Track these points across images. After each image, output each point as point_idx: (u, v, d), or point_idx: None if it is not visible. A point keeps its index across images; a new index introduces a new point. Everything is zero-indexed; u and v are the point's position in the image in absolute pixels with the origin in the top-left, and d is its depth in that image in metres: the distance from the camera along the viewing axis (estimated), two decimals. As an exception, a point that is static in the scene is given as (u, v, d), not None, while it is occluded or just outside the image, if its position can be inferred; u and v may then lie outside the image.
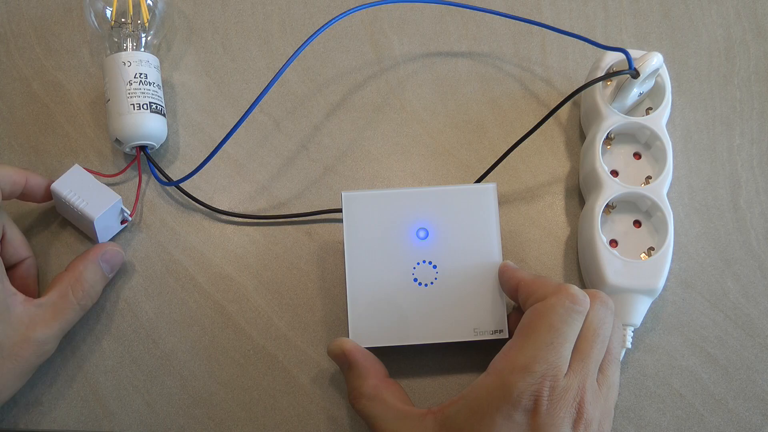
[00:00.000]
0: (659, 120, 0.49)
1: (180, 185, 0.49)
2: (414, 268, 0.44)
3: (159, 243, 0.49)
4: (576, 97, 0.49)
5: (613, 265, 0.45)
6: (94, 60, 0.53)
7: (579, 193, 0.51)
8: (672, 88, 0.50)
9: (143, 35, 0.51)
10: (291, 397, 0.46)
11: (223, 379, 0.46)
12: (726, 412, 0.46)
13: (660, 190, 0.47)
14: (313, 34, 0.47)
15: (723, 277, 0.49)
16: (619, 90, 0.48)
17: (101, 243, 0.47)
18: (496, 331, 0.44)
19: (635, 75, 0.46)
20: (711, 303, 0.49)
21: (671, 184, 0.48)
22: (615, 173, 0.49)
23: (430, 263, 0.44)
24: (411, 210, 0.45)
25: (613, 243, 0.48)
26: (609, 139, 0.49)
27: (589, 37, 0.49)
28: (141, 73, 0.48)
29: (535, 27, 0.55)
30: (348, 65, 0.54)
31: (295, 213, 0.50)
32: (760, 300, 0.49)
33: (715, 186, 0.52)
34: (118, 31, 0.50)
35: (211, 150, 0.47)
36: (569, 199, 0.51)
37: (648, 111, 0.50)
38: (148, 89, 0.48)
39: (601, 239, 0.46)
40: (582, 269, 0.49)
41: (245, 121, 0.46)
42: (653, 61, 0.46)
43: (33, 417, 0.45)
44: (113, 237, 0.48)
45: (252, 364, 0.46)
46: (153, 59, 0.50)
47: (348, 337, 0.43)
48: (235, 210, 0.50)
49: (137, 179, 0.50)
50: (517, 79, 0.54)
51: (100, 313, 0.47)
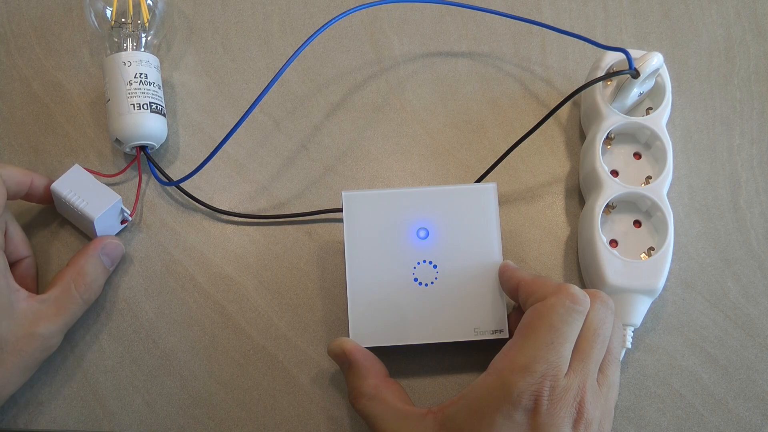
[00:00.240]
0: (659, 120, 0.49)
1: (180, 185, 0.49)
2: (414, 267, 0.44)
3: (159, 243, 0.49)
4: (576, 97, 0.49)
5: (613, 265, 0.45)
6: (94, 60, 0.53)
7: (579, 193, 0.51)
8: (672, 88, 0.50)
9: (143, 35, 0.51)
10: (291, 397, 0.46)
11: (223, 379, 0.46)
12: (726, 412, 0.46)
13: (660, 190, 0.47)
14: (313, 34, 0.47)
15: (723, 277, 0.49)
16: (619, 90, 0.48)
17: (100, 236, 0.47)
18: (496, 331, 0.44)
19: (635, 75, 0.46)
20: (711, 303, 0.49)
21: (671, 184, 0.48)
22: (615, 173, 0.49)
23: (430, 263, 0.44)
24: (411, 210, 0.45)
25: (613, 243, 0.48)
26: (609, 139, 0.49)
27: (589, 37, 0.49)
28: (141, 73, 0.48)
29: (535, 27, 0.55)
30: (348, 65, 0.54)
31: (295, 213, 0.50)
32: (760, 300, 0.49)
33: (715, 186, 0.52)
34: (118, 31, 0.50)
35: (211, 150, 0.47)
36: (569, 199, 0.51)
37: (648, 111, 0.50)
38: (148, 89, 0.48)
39: (601, 239, 0.46)
40: (582, 269, 0.49)
41: (245, 121, 0.46)
42: (653, 61, 0.46)
43: (33, 417, 0.45)
44: (113, 237, 0.48)
45: (252, 364, 0.46)
46: (153, 59, 0.50)
47: (348, 337, 0.43)
48: (235, 210, 0.50)
49: (137, 179, 0.50)
50: (517, 79, 0.54)
51: (99, 313, 0.47)
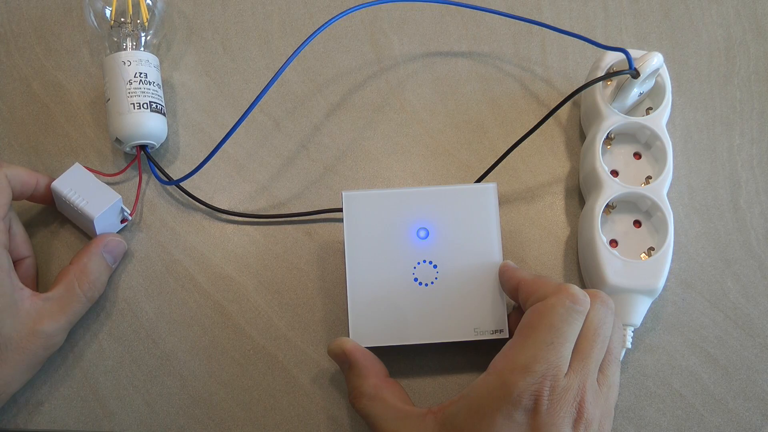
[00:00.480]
0: (659, 120, 0.49)
1: (180, 184, 0.49)
2: (414, 267, 0.44)
3: (159, 243, 0.49)
4: (576, 97, 0.49)
5: (613, 265, 0.45)
6: (94, 60, 0.53)
7: (579, 193, 0.51)
8: (672, 88, 0.50)
9: (143, 35, 0.51)
10: (291, 397, 0.46)
11: (223, 379, 0.46)
12: (726, 412, 0.46)
13: (660, 190, 0.47)
14: (313, 33, 0.47)
15: (723, 277, 0.49)
16: (619, 90, 0.48)
17: (102, 234, 0.47)
18: (496, 331, 0.44)
19: (635, 75, 0.46)
20: (711, 303, 0.49)
21: (671, 184, 0.48)
22: (615, 173, 0.49)
23: (430, 263, 0.44)
24: (411, 210, 0.45)
25: (613, 243, 0.48)
26: (609, 139, 0.49)
27: (589, 37, 0.49)
28: (141, 73, 0.48)
29: (535, 27, 0.55)
30: (348, 65, 0.54)
31: (295, 213, 0.50)
32: (760, 300, 0.49)
33: (715, 186, 0.52)
34: (117, 31, 0.50)
35: (211, 150, 0.47)
36: (569, 199, 0.51)
37: (648, 111, 0.50)
38: (148, 88, 0.48)
39: (601, 239, 0.46)
40: (582, 269, 0.49)
41: (245, 121, 0.46)
42: (653, 61, 0.46)
43: (33, 417, 0.45)
44: (113, 237, 0.48)
45: (252, 364, 0.46)
46: (153, 59, 0.50)
47: (348, 337, 0.43)
48: (235, 210, 0.50)
49: (137, 179, 0.50)
50: (517, 79, 0.54)
51: (99, 313, 0.47)
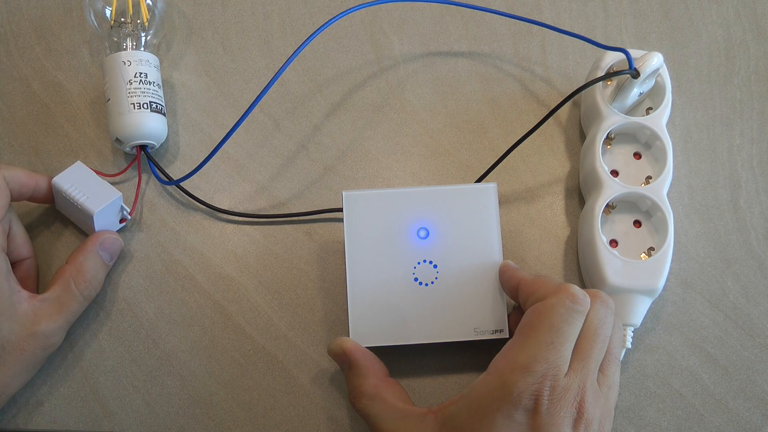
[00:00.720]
0: (659, 120, 0.49)
1: (180, 184, 0.49)
2: (414, 267, 0.44)
3: (159, 243, 0.49)
4: (576, 97, 0.49)
5: (613, 265, 0.45)
6: (94, 60, 0.53)
7: (579, 193, 0.51)
8: (672, 88, 0.50)
9: (143, 35, 0.51)
10: (291, 397, 0.46)
11: (223, 379, 0.46)
12: (726, 412, 0.46)
13: (660, 190, 0.47)
14: (313, 33, 0.47)
15: (723, 277, 0.49)
16: (620, 90, 0.48)
17: (98, 232, 0.46)
18: (496, 331, 0.44)
19: (635, 75, 0.46)
20: (711, 303, 0.49)
21: (671, 184, 0.48)
22: (615, 173, 0.49)
23: (430, 263, 0.44)
24: (412, 209, 0.45)
25: (613, 243, 0.48)
26: (609, 139, 0.49)
27: (589, 37, 0.49)
28: (141, 73, 0.48)
29: (535, 27, 0.55)
30: (348, 65, 0.54)
31: (295, 213, 0.50)
32: (760, 300, 0.49)
33: (715, 186, 0.52)
34: (117, 31, 0.50)
35: (211, 150, 0.47)
36: (569, 199, 0.51)
37: (648, 111, 0.50)
38: (148, 88, 0.48)
39: (601, 239, 0.46)
40: (582, 269, 0.49)
41: (245, 121, 0.46)
42: (653, 61, 0.46)
43: (33, 417, 0.45)
44: (113, 237, 0.48)
45: (252, 364, 0.46)
46: (153, 59, 0.50)
47: (348, 337, 0.43)
48: (235, 210, 0.50)
49: (137, 179, 0.49)
50: (517, 79, 0.54)
51: (100, 313, 0.47)
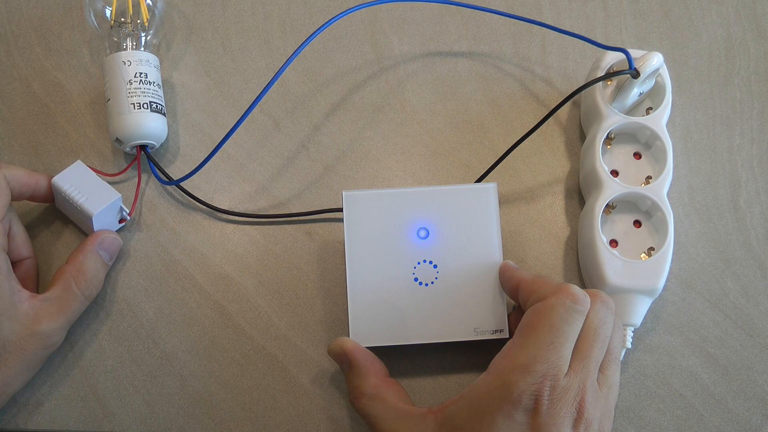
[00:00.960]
0: (659, 120, 0.49)
1: (180, 184, 0.49)
2: (414, 267, 0.44)
3: (159, 243, 0.49)
4: (576, 97, 0.49)
5: (613, 265, 0.45)
6: (94, 60, 0.53)
7: (579, 193, 0.51)
8: (672, 88, 0.50)
9: (143, 35, 0.51)
10: (291, 397, 0.46)
11: (223, 379, 0.46)
12: (726, 412, 0.46)
13: (660, 190, 0.47)
14: (313, 33, 0.47)
15: (723, 277, 0.49)
16: (620, 90, 0.48)
17: (97, 231, 0.46)
18: (496, 331, 0.44)
19: (635, 75, 0.46)
20: (711, 303, 0.49)
21: (671, 184, 0.48)
22: (615, 173, 0.49)
23: (430, 263, 0.44)
24: (412, 209, 0.45)
25: (613, 243, 0.48)
26: (609, 139, 0.49)
27: (589, 37, 0.49)
28: (141, 73, 0.48)
29: (535, 27, 0.55)
30: (348, 65, 0.54)
31: (295, 213, 0.50)
32: (760, 300, 0.49)
33: (715, 186, 0.52)
34: (117, 31, 0.50)
35: (211, 150, 0.47)
36: (569, 199, 0.51)
37: (648, 111, 0.50)
38: (148, 88, 0.48)
39: (601, 239, 0.46)
40: (582, 269, 0.49)
41: (245, 121, 0.46)
42: (653, 61, 0.46)
43: (33, 417, 0.45)
44: (113, 237, 0.48)
45: (252, 364, 0.46)
46: (153, 58, 0.50)
47: (348, 337, 0.43)
48: (235, 210, 0.50)
49: (137, 179, 0.49)
50: (517, 79, 0.54)
51: (99, 313, 0.47)
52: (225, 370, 0.46)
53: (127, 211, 0.48)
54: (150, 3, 0.51)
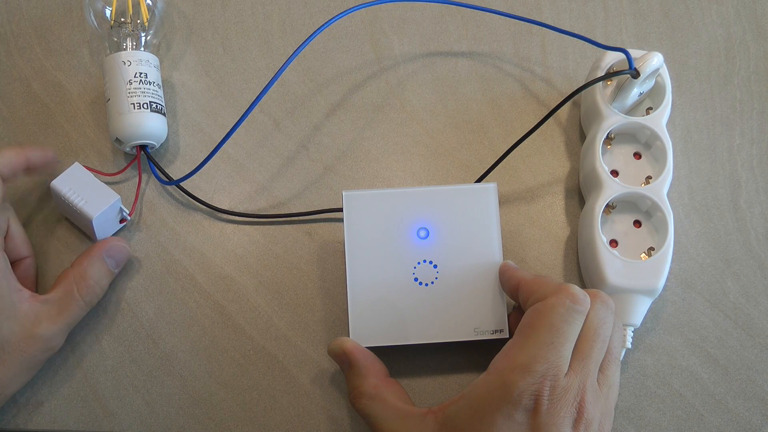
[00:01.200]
0: (659, 120, 0.49)
1: (180, 184, 0.49)
2: (414, 267, 0.44)
3: (159, 243, 0.49)
4: (576, 97, 0.49)
5: (613, 265, 0.45)
6: (94, 60, 0.53)
7: (579, 193, 0.51)
8: (672, 88, 0.50)
9: (143, 35, 0.51)
10: (291, 397, 0.46)
11: (223, 379, 0.46)
12: (726, 412, 0.46)
13: (660, 190, 0.47)
14: (313, 33, 0.47)
15: (723, 277, 0.49)
16: (620, 90, 0.48)
17: (106, 238, 0.46)
18: (496, 331, 0.44)
19: (635, 75, 0.46)
20: (711, 303, 0.49)
21: (671, 184, 0.48)
22: (615, 173, 0.49)
23: (430, 263, 0.44)
24: (412, 209, 0.45)
25: (613, 243, 0.48)
26: (609, 139, 0.49)
27: (589, 37, 0.49)
28: (141, 73, 0.48)
29: (535, 27, 0.55)
30: (348, 65, 0.54)
31: (295, 213, 0.50)
32: (760, 300, 0.49)
33: (715, 186, 0.52)
34: (117, 31, 0.50)
35: (211, 150, 0.47)
36: (569, 199, 0.51)
37: (648, 111, 0.50)
38: (148, 88, 0.48)
39: (601, 239, 0.46)
40: (582, 269, 0.49)
41: (245, 121, 0.46)
42: (653, 61, 0.46)
43: (33, 417, 0.45)
44: (112, 236, 0.48)
45: (252, 364, 0.46)
46: (153, 58, 0.50)
47: (348, 337, 0.43)
48: (235, 210, 0.50)
49: (137, 179, 0.49)
50: (517, 79, 0.54)
51: (100, 313, 0.47)
52: (225, 370, 0.46)
53: (127, 212, 0.48)
54: (150, 3, 0.51)
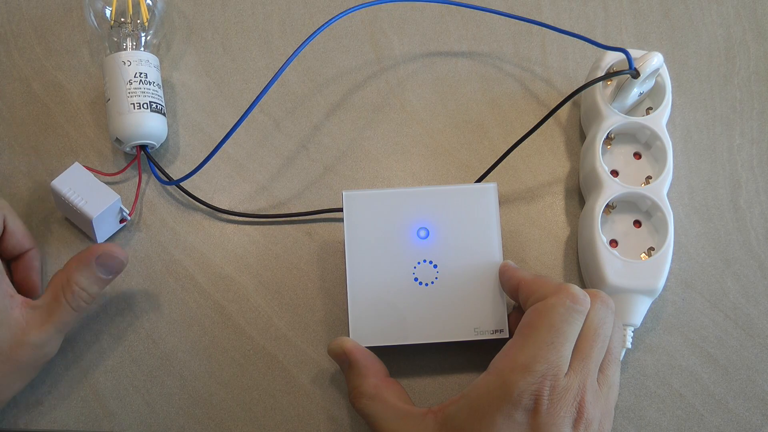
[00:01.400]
0: (659, 120, 0.49)
1: (180, 184, 0.49)
2: (414, 267, 0.44)
3: (159, 243, 0.49)
4: (576, 97, 0.49)
5: (613, 265, 0.45)
6: (94, 60, 0.53)
7: (579, 193, 0.51)
8: (672, 88, 0.50)
9: (143, 35, 0.51)
10: (291, 397, 0.46)
11: (223, 379, 0.46)
12: (726, 412, 0.46)
13: (660, 190, 0.47)
14: (313, 33, 0.47)
15: (723, 277, 0.49)
16: (620, 90, 0.48)
17: (99, 243, 0.46)
18: (496, 331, 0.44)
19: (635, 75, 0.46)
20: (711, 303, 0.49)
21: (671, 184, 0.48)
22: (615, 173, 0.49)
23: (430, 263, 0.44)
24: (412, 209, 0.45)
25: (613, 243, 0.48)
26: (609, 139, 0.49)
27: (589, 37, 0.49)
28: (141, 73, 0.48)
29: (535, 27, 0.55)
30: (348, 65, 0.54)
31: (295, 213, 0.50)
32: (760, 300, 0.49)
33: (715, 186, 0.52)
34: (117, 31, 0.50)
35: (211, 150, 0.47)
36: (569, 199, 0.51)
37: (648, 111, 0.50)
38: (148, 88, 0.48)
39: (601, 239, 0.46)
40: (582, 269, 0.49)
41: (245, 121, 0.46)
42: (653, 61, 0.46)
43: (33, 417, 0.45)
44: (112, 236, 0.48)
45: (252, 364, 0.46)
46: (153, 58, 0.50)
47: (348, 337, 0.43)
48: (235, 210, 0.50)
49: (137, 179, 0.49)
50: (517, 79, 0.54)
51: (100, 313, 0.47)
52: (225, 370, 0.46)
53: (127, 212, 0.48)
54: (150, 3, 0.51)
